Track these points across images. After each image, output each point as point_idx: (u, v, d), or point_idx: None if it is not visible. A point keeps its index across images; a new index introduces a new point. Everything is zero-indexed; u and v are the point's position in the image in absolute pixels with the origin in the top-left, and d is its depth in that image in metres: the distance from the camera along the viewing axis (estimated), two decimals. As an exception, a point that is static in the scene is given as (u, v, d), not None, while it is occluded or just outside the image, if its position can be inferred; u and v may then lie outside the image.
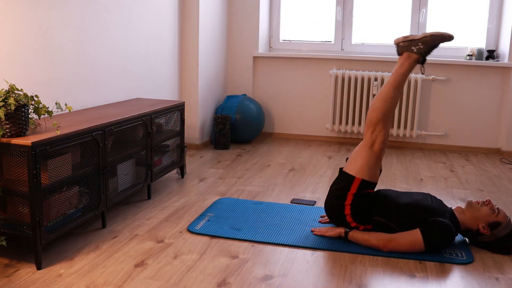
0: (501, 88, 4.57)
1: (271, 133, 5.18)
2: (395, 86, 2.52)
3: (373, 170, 2.47)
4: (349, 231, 2.48)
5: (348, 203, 2.48)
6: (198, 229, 2.62)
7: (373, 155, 2.47)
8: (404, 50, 2.58)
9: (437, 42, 2.55)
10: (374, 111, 2.49)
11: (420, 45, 2.55)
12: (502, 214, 2.45)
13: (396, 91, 2.51)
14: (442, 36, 2.55)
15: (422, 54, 2.55)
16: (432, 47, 2.56)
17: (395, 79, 2.53)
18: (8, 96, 2.06)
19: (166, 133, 3.30)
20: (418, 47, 2.55)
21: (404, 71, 2.54)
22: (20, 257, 2.25)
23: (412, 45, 2.56)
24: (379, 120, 2.48)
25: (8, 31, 2.43)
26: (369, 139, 2.48)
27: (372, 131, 2.48)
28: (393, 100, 2.50)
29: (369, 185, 2.47)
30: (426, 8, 4.72)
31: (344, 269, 2.23)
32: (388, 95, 2.50)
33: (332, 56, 4.85)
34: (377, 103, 2.50)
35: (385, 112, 2.48)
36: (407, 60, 2.56)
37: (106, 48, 3.23)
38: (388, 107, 2.49)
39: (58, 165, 2.23)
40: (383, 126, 2.48)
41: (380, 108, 2.49)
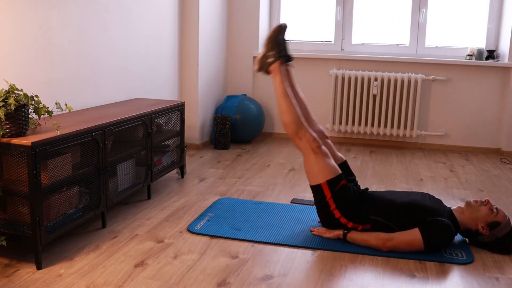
0: (501, 88, 4.57)
1: (271, 133, 5.18)
2: (281, 96, 2.58)
3: (329, 167, 2.50)
4: (348, 233, 2.48)
5: (334, 207, 2.50)
6: (198, 229, 2.62)
7: (317, 156, 2.50)
8: (266, 68, 2.67)
9: (277, 38, 2.63)
10: (286, 127, 2.57)
11: (269, 53, 2.64)
12: (501, 214, 2.45)
13: (286, 100, 2.57)
14: (276, 30, 2.63)
15: (279, 57, 2.62)
16: (279, 44, 2.63)
17: (277, 90, 2.61)
18: (8, 96, 2.06)
19: (166, 133, 3.30)
20: (270, 56, 2.64)
21: (279, 79, 2.62)
22: (20, 257, 2.25)
23: (266, 59, 2.65)
24: (295, 129, 2.54)
25: (8, 31, 2.43)
26: (303, 149, 2.53)
27: (299, 141, 2.54)
28: (290, 108, 2.55)
29: (337, 180, 2.49)
30: (426, 8, 4.72)
31: (344, 269, 2.23)
32: (282, 107, 2.58)
33: (332, 56, 4.85)
34: (283, 119, 2.58)
35: (293, 121, 2.54)
36: (273, 71, 2.64)
37: (106, 48, 3.23)
38: (292, 116, 2.54)
39: (58, 165, 2.23)
40: (302, 131, 2.53)
41: (286, 121, 2.56)
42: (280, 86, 2.60)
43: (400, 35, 4.87)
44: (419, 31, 4.78)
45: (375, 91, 4.69)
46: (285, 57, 2.64)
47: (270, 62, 2.64)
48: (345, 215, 2.50)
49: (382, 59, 4.73)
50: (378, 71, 4.77)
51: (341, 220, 2.50)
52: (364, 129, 4.82)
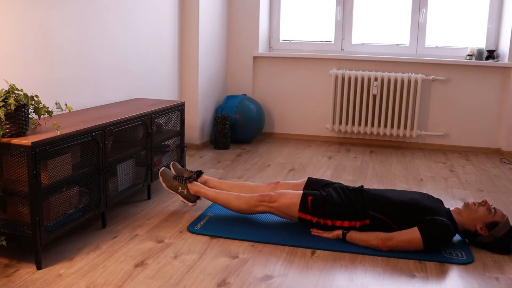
0: (501, 88, 4.57)
1: (271, 133, 5.18)
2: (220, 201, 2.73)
3: (290, 200, 2.58)
4: (347, 233, 2.48)
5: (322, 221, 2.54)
6: (198, 229, 2.62)
7: (277, 203, 2.59)
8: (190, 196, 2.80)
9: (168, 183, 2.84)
10: (242, 212, 2.70)
11: (179, 189, 2.81)
12: (499, 214, 2.44)
13: (224, 199, 2.71)
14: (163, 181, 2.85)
15: (185, 183, 2.81)
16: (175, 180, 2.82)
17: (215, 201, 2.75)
18: (8, 96, 2.06)
19: (166, 133, 3.30)
20: (182, 189, 2.81)
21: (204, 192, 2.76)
22: (20, 257, 2.25)
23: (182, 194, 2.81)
24: (249, 207, 2.67)
25: (8, 31, 2.43)
26: (266, 209, 2.64)
27: (258, 208, 2.65)
28: (231, 201, 2.69)
29: (303, 202, 2.55)
30: (426, 8, 4.72)
31: (344, 269, 2.23)
32: (230, 206, 2.71)
33: (332, 56, 4.85)
34: (235, 211, 2.72)
35: (242, 204, 2.68)
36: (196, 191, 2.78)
37: (106, 48, 3.23)
38: (238, 203, 2.69)
39: (58, 165, 2.23)
40: (252, 202, 2.64)
41: (239, 209, 2.69)
42: (209, 195, 2.74)
43: (400, 35, 4.87)
44: (419, 31, 4.78)
45: (375, 91, 4.69)
46: (189, 179, 2.80)
47: (186, 192, 2.78)
48: (336, 218, 2.51)
49: (382, 59, 4.73)
50: (378, 71, 4.76)
51: (336, 225, 2.52)
52: (364, 129, 4.82)
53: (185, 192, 2.78)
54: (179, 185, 2.80)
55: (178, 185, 2.80)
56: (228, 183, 2.91)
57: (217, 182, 2.91)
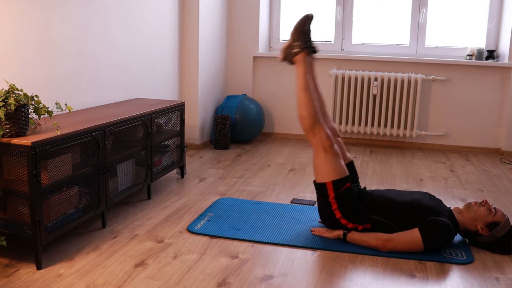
0: (501, 88, 4.57)
1: (271, 133, 5.18)
2: (302, 88, 2.56)
3: (337, 167, 2.49)
4: (348, 233, 2.48)
5: (335, 207, 2.49)
6: (198, 229, 2.62)
7: (327, 154, 2.49)
8: (291, 58, 2.64)
9: (303, 29, 2.60)
10: (302, 119, 2.54)
11: (295, 44, 2.60)
12: (499, 214, 2.44)
13: (306, 93, 2.54)
14: (302, 21, 2.60)
15: (304, 48, 2.59)
16: (304, 35, 2.60)
17: (299, 82, 2.58)
18: (8, 96, 2.06)
19: (166, 133, 3.30)
20: (295, 47, 2.60)
21: (302, 71, 2.59)
22: (20, 257, 2.25)
23: (291, 49, 2.62)
24: (311, 124, 2.51)
25: (8, 31, 2.43)
26: (315, 144, 2.51)
27: (312, 136, 2.52)
28: (309, 102, 2.53)
29: (343, 181, 2.48)
30: (426, 8, 4.72)
31: (344, 269, 2.23)
32: (301, 100, 2.54)
33: (332, 56, 4.85)
34: (300, 112, 2.55)
35: (311, 116, 2.51)
36: (298, 62, 2.61)
37: (106, 48, 3.23)
38: (310, 110, 2.52)
39: (58, 165, 2.23)
40: (318, 126, 2.51)
41: (304, 114, 2.53)
42: (303, 78, 2.56)
43: (400, 35, 4.87)
44: (419, 31, 4.77)
45: (375, 91, 4.69)
46: (310, 49, 2.60)
47: (295, 52, 2.60)
48: (345, 216, 2.49)
49: (382, 59, 4.73)
50: (378, 71, 4.76)
51: (341, 221, 2.50)
52: (364, 129, 4.82)
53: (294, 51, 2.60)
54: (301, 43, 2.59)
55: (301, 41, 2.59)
56: (317, 87, 2.70)
57: (314, 76, 2.69)
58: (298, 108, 2.56)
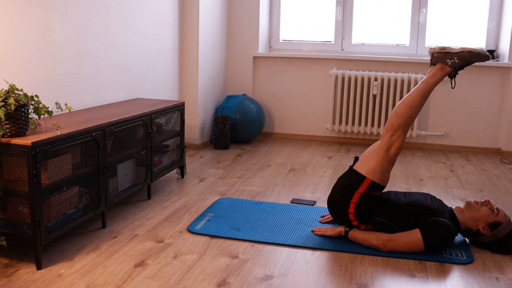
0: (501, 88, 4.57)
1: (271, 133, 5.18)
2: (422, 94, 2.52)
3: (384, 173, 2.47)
4: (349, 230, 2.48)
5: (354, 201, 2.47)
6: (198, 229, 2.62)
7: (387, 158, 2.46)
8: (438, 61, 2.58)
9: (473, 59, 2.55)
10: (397, 116, 2.49)
11: (456, 59, 2.55)
12: (501, 214, 2.44)
13: (422, 100, 2.52)
14: (479, 54, 2.54)
15: (455, 68, 2.56)
16: (467, 63, 2.57)
17: (424, 88, 2.53)
18: (8, 96, 2.06)
19: (166, 133, 3.30)
20: (453, 61, 2.55)
21: (435, 81, 2.55)
22: (20, 257, 2.25)
23: (448, 58, 2.56)
24: (401, 125, 2.47)
25: (8, 31, 2.43)
26: (386, 143, 2.47)
27: (391, 135, 2.47)
28: (417, 108, 2.51)
29: (378, 188, 2.46)
30: (426, 8, 4.72)
31: (344, 269, 2.23)
32: (414, 102, 2.51)
33: (332, 56, 4.85)
34: (401, 109, 2.50)
35: (408, 119, 2.48)
36: (439, 72, 2.57)
37: (106, 48, 3.23)
38: (411, 114, 2.49)
39: (58, 165, 2.23)
40: (402, 132, 2.47)
41: (403, 114, 2.48)
42: (431, 86, 2.54)
43: (400, 35, 4.87)
44: (419, 31, 4.77)
45: (375, 91, 4.69)
46: (455, 72, 2.59)
47: (446, 63, 2.57)
48: (356, 214, 2.48)
49: (382, 59, 4.73)
50: (378, 71, 4.76)
51: (349, 216, 2.48)
52: (364, 129, 4.82)
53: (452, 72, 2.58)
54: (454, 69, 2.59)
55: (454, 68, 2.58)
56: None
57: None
58: (402, 105, 2.52)
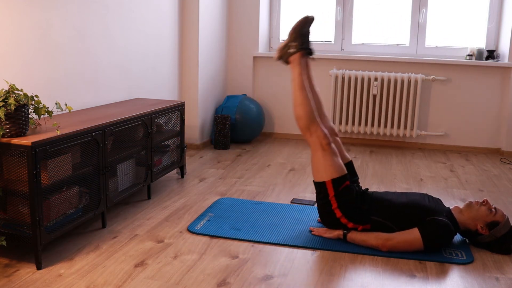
0: (501, 88, 4.57)
1: (271, 133, 5.18)
2: (298, 88, 2.56)
3: (335, 165, 2.49)
4: (348, 233, 2.48)
5: (335, 206, 2.49)
6: (198, 229, 2.62)
7: (325, 153, 2.49)
8: (286, 58, 2.63)
9: (303, 30, 2.59)
10: (299, 119, 2.54)
11: (292, 44, 2.59)
12: (499, 214, 2.45)
13: (302, 93, 2.54)
14: (302, 22, 2.58)
15: (300, 49, 2.58)
16: (303, 36, 2.59)
17: (294, 82, 2.58)
18: (8, 96, 2.06)
19: (166, 133, 3.30)
20: (292, 47, 2.59)
21: (298, 71, 2.58)
22: (20, 257, 2.25)
23: (287, 49, 2.61)
24: (307, 123, 2.51)
25: (8, 31, 2.43)
26: (313, 144, 2.51)
27: (309, 135, 2.52)
28: (305, 101, 2.53)
29: (342, 179, 2.48)
30: (426, 8, 4.72)
31: (344, 269, 2.23)
32: (297, 100, 2.54)
33: (332, 56, 4.85)
34: (295, 111, 2.55)
35: (307, 115, 2.51)
36: (293, 63, 2.61)
37: (106, 48, 3.23)
38: (306, 109, 2.52)
39: (58, 165, 2.23)
40: (314, 126, 2.51)
41: (300, 114, 2.53)
42: (298, 78, 2.57)
43: (400, 35, 4.87)
44: (419, 31, 4.77)
45: (375, 91, 4.69)
46: (306, 50, 2.60)
47: (291, 52, 2.60)
48: (345, 215, 2.49)
49: (382, 59, 4.73)
50: (378, 71, 4.76)
51: (341, 220, 2.50)
52: (364, 129, 4.82)
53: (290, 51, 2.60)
54: (297, 43, 2.59)
55: (297, 42, 2.59)
56: (314, 86, 2.73)
57: (311, 76, 2.70)
58: (294, 108, 2.57)
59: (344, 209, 2.49)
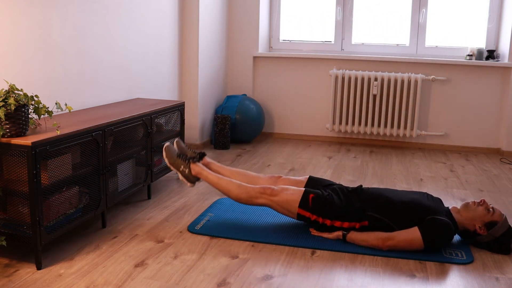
0: (501, 88, 4.57)
1: (271, 133, 5.18)
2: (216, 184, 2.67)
3: (291, 196, 2.55)
4: (347, 233, 2.48)
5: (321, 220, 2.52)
6: (198, 229, 2.62)
7: (278, 197, 2.55)
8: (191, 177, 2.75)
9: (173, 157, 2.75)
10: (238, 200, 2.64)
11: (181, 168, 2.75)
12: (497, 213, 2.45)
13: (221, 183, 2.66)
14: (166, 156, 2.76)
15: (188, 163, 2.75)
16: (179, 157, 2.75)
17: (211, 183, 2.69)
18: (8, 96, 2.06)
19: (166, 133, 3.30)
20: (184, 168, 2.75)
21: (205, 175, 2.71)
22: (20, 257, 2.25)
23: (184, 173, 2.75)
24: (247, 197, 2.61)
25: (8, 31, 2.43)
26: (265, 202, 2.58)
27: (257, 201, 2.60)
28: (229, 186, 2.64)
29: (304, 198, 2.53)
30: (426, 8, 4.72)
31: (344, 269, 2.23)
32: (224, 190, 2.67)
33: (332, 56, 4.85)
34: (231, 197, 2.66)
35: (240, 192, 2.62)
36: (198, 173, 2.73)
37: (106, 48, 3.23)
38: (236, 190, 2.62)
39: (58, 165, 2.23)
40: (253, 192, 2.59)
41: (236, 196, 2.63)
42: (210, 179, 2.68)
43: (400, 35, 4.87)
44: (419, 31, 4.78)
45: (375, 91, 4.69)
46: (193, 159, 2.74)
47: (187, 172, 2.73)
48: (336, 219, 2.50)
49: (382, 59, 4.73)
50: (378, 71, 4.76)
51: (335, 225, 2.51)
52: (364, 129, 4.82)
53: (186, 172, 2.73)
54: (182, 164, 2.74)
55: (181, 164, 2.74)
56: (230, 170, 2.85)
57: (219, 167, 2.85)
58: (227, 196, 2.67)
59: (329, 215, 2.51)
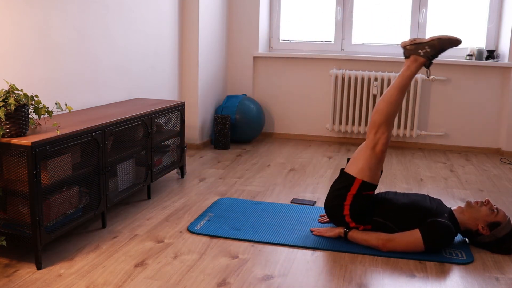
0: (501, 88, 4.57)
1: (271, 133, 5.18)
2: (399, 88, 2.51)
3: (374, 172, 2.47)
4: (349, 231, 2.48)
5: (348, 203, 2.48)
6: (198, 229, 2.62)
7: (374, 156, 2.47)
8: (411, 53, 2.57)
9: (444, 46, 2.53)
10: (378, 113, 2.49)
11: (427, 48, 2.53)
12: (501, 214, 2.44)
13: (400, 94, 2.50)
14: (450, 40, 2.51)
15: (429, 58, 2.53)
16: (439, 51, 2.54)
17: (401, 82, 2.52)
18: (8, 96, 2.06)
19: (166, 133, 3.30)
20: (425, 51, 2.53)
21: (410, 74, 2.54)
22: (20, 257, 2.25)
23: (419, 48, 2.54)
24: (382, 122, 2.47)
25: (7, 31, 2.43)
26: (371, 141, 2.48)
27: (375, 133, 2.48)
28: (396, 103, 2.49)
29: (370, 187, 2.47)
30: (426, 8, 4.72)
31: (344, 269, 2.23)
32: (392, 98, 2.50)
33: (332, 56, 4.85)
34: (381, 105, 2.50)
35: (388, 115, 2.48)
36: (413, 63, 2.55)
37: (106, 48, 3.23)
38: (392, 110, 2.48)
39: (58, 165, 2.23)
40: (386, 128, 2.48)
41: (383, 110, 2.48)
42: (407, 80, 2.53)
43: (400, 35, 4.87)
44: (419, 31, 4.77)
45: (375, 91, 4.69)
46: (429, 62, 2.57)
47: (419, 54, 2.55)
48: (352, 216, 2.48)
49: (382, 59, 4.73)
50: (378, 71, 4.76)
51: (346, 218, 2.49)
52: (364, 129, 4.82)
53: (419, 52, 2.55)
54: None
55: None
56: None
57: None
58: (382, 101, 2.51)
59: (353, 211, 2.48)
